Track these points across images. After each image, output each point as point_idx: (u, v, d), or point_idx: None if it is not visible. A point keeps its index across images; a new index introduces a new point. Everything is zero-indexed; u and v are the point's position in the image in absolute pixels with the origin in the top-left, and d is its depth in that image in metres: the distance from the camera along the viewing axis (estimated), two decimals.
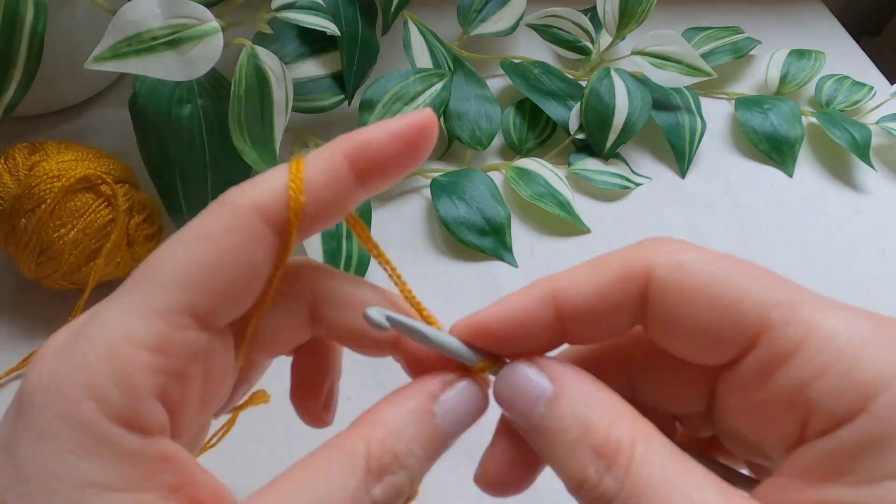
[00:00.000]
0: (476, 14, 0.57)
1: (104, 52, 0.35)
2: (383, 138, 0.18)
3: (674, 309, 0.18)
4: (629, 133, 0.52)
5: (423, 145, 0.19)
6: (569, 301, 0.19)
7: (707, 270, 0.17)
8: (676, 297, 0.17)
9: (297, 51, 0.48)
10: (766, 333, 0.16)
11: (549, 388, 0.18)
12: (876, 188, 0.55)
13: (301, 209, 0.17)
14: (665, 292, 0.18)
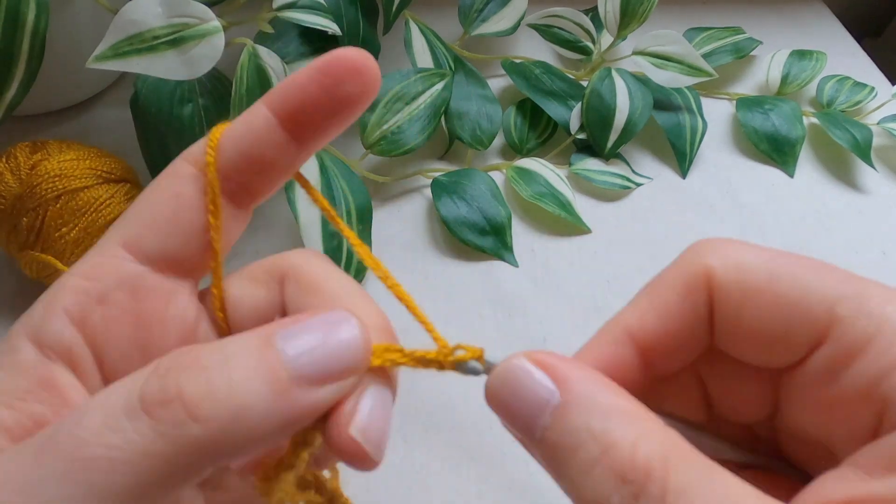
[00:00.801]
0: (477, 14, 0.57)
1: (106, 52, 0.35)
2: (303, 77, 0.17)
3: (738, 311, 0.17)
4: (630, 133, 0.52)
5: (349, 81, 0.17)
6: (647, 336, 0.17)
7: (767, 268, 0.17)
8: (739, 298, 0.17)
9: (299, 50, 0.48)
10: (835, 327, 0.16)
11: (553, 390, 0.15)
12: (877, 189, 0.55)
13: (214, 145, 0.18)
14: (728, 295, 0.17)
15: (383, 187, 0.51)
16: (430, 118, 0.49)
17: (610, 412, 0.14)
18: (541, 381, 0.15)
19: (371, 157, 0.49)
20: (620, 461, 0.14)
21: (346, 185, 0.44)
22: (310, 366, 0.14)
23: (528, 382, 0.15)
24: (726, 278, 0.17)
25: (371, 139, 0.47)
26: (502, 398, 0.16)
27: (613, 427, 0.14)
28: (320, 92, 0.17)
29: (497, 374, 0.16)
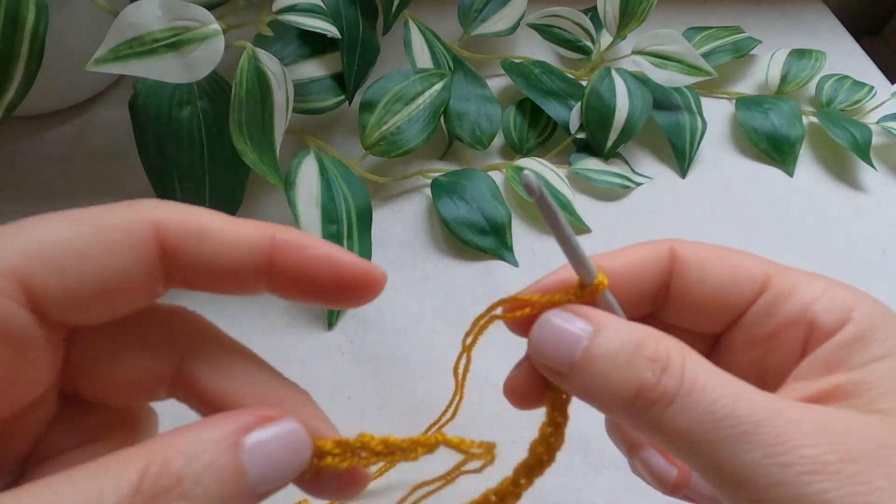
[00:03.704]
0: (477, 14, 0.57)
1: (105, 54, 0.35)
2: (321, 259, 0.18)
3: (696, 275, 0.22)
4: (630, 133, 0.52)
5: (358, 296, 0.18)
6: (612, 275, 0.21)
7: (716, 248, 0.22)
8: (697, 264, 0.22)
9: (298, 52, 0.48)
10: (772, 280, 0.21)
11: (588, 327, 0.19)
12: (876, 188, 0.55)
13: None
14: (688, 262, 0.22)
15: (383, 188, 0.51)
16: (430, 118, 0.48)
17: (633, 328, 0.19)
18: (576, 320, 0.19)
19: (371, 157, 0.49)
20: (647, 351, 0.18)
21: (345, 185, 0.45)
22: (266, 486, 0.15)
23: (566, 322, 0.19)
24: (686, 251, 0.22)
25: (370, 140, 0.47)
26: (545, 337, 0.19)
27: (638, 335, 0.19)
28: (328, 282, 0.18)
29: (538, 327, 0.20)
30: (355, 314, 0.43)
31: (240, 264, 0.17)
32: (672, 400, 0.17)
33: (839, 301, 0.20)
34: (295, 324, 0.42)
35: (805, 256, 0.49)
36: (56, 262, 0.15)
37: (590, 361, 0.18)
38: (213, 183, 0.42)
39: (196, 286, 0.18)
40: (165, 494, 0.14)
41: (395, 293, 0.45)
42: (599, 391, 0.18)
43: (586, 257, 0.20)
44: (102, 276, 0.15)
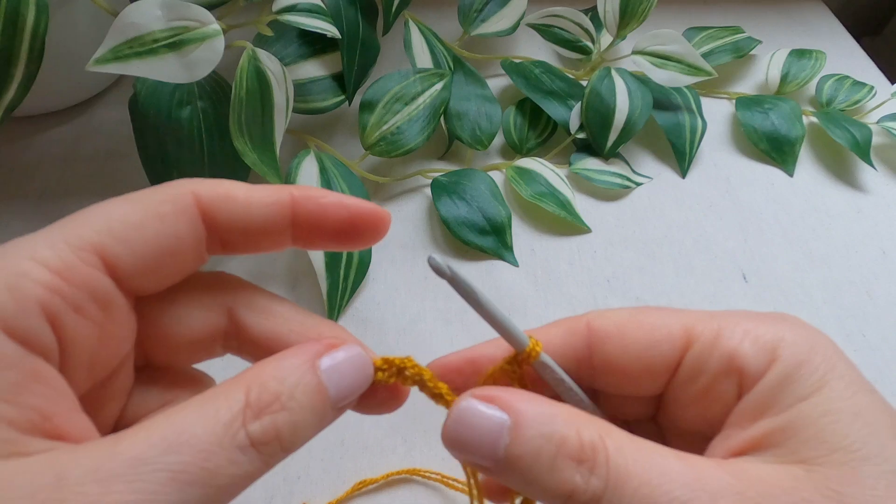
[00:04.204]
0: (477, 14, 0.57)
1: (105, 54, 0.35)
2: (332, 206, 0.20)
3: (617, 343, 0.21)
4: (630, 133, 0.52)
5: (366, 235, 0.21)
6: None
7: (632, 310, 0.22)
8: (617, 334, 0.21)
9: (298, 52, 0.48)
10: (692, 332, 0.20)
11: (505, 417, 0.18)
12: (876, 188, 0.55)
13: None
14: (606, 335, 0.21)
15: (383, 188, 0.51)
16: (430, 118, 0.49)
17: (552, 417, 0.18)
18: (492, 411, 0.18)
19: (371, 157, 0.49)
20: (572, 449, 0.17)
21: (345, 185, 0.45)
22: (343, 400, 0.19)
23: (482, 415, 0.18)
24: (601, 323, 0.21)
25: (370, 140, 0.47)
26: (463, 435, 0.18)
27: (559, 427, 0.18)
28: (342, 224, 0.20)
29: (453, 418, 0.19)
30: (355, 314, 0.43)
31: (267, 220, 0.20)
32: (600, 498, 0.17)
33: (762, 342, 0.19)
34: None
35: (805, 256, 0.49)
36: (122, 233, 0.18)
37: (515, 461, 0.18)
38: None
39: (233, 247, 0.20)
40: (269, 407, 0.17)
41: (395, 293, 0.45)
42: (529, 490, 0.18)
43: (514, 326, 0.20)
44: (159, 241, 0.18)
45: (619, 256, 0.48)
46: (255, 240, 0.20)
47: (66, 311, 0.17)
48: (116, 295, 0.18)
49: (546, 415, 0.18)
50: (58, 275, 0.17)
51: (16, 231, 0.46)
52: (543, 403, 0.19)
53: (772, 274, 0.47)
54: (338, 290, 0.42)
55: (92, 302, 0.17)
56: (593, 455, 0.17)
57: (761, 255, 0.49)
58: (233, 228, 0.19)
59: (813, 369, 0.18)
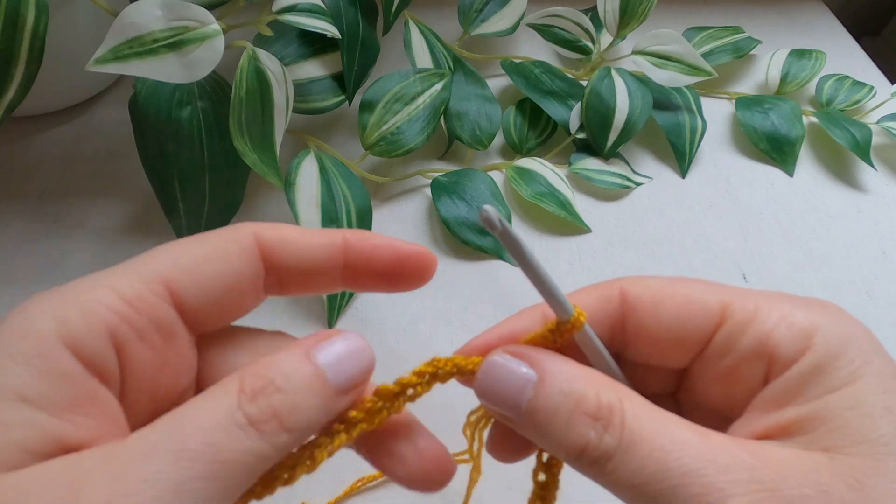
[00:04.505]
0: (477, 14, 0.57)
1: (105, 55, 0.35)
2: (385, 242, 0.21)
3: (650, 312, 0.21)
4: (630, 133, 0.52)
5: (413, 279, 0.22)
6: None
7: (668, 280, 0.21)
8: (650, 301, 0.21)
9: (298, 52, 0.48)
10: (729, 309, 0.20)
11: (532, 373, 0.19)
12: (876, 188, 0.55)
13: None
14: (640, 301, 0.21)
15: (383, 188, 0.51)
16: (430, 118, 0.49)
17: (574, 377, 0.19)
18: (520, 367, 0.19)
19: (371, 157, 0.49)
20: (589, 406, 0.18)
21: (345, 185, 0.45)
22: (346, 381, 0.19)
23: (510, 369, 0.19)
24: (636, 290, 0.21)
25: (370, 140, 0.47)
26: (491, 385, 0.20)
27: (579, 386, 0.19)
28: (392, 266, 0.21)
29: (483, 369, 0.20)
30: (355, 314, 0.43)
31: (321, 260, 0.21)
32: (611, 456, 0.18)
33: (798, 328, 0.19)
34: (295, 324, 0.42)
35: (805, 256, 0.49)
36: (189, 268, 0.19)
37: (535, 414, 0.19)
38: (213, 183, 0.42)
39: (288, 288, 0.21)
40: (263, 391, 0.17)
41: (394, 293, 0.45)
42: (546, 442, 0.19)
43: (561, 292, 0.20)
44: (223, 278, 0.19)
45: (619, 256, 0.48)
46: (309, 280, 0.21)
47: (132, 338, 0.18)
48: (180, 327, 0.19)
49: (569, 374, 0.19)
50: (128, 303, 0.18)
51: (16, 231, 0.46)
52: (569, 364, 0.19)
53: (772, 274, 0.47)
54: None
55: (157, 332, 0.18)
56: (609, 415, 0.18)
57: (761, 255, 0.49)
58: (290, 268, 0.21)
59: (848, 361, 0.18)
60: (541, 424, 0.19)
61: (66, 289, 0.18)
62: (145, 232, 0.46)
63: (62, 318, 0.17)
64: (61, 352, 0.16)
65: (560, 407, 0.18)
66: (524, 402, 0.19)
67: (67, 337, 0.16)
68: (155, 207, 0.45)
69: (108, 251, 0.45)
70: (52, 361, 0.16)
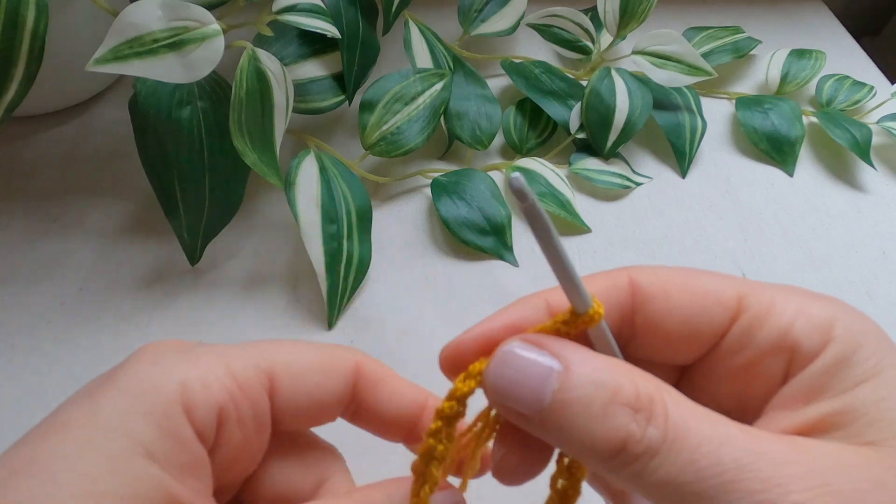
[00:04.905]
0: (476, 14, 0.57)
1: (105, 55, 0.35)
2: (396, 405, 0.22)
3: (661, 304, 0.20)
4: (630, 133, 0.52)
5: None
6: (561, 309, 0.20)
7: (680, 272, 0.20)
8: (661, 292, 0.20)
9: (298, 52, 0.48)
10: (744, 302, 0.19)
11: (556, 363, 0.17)
12: (876, 188, 0.55)
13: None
14: (651, 292, 0.20)
15: (383, 188, 0.51)
16: (430, 118, 0.48)
17: (607, 365, 0.17)
18: (540, 356, 0.17)
19: (371, 157, 0.49)
20: (629, 397, 0.16)
21: (345, 186, 0.45)
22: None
23: (529, 359, 0.17)
24: (647, 280, 0.20)
25: (370, 140, 0.47)
26: (506, 377, 0.18)
27: (613, 376, 0.17)
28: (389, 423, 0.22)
29: (498, 360, 0.18)
30: (355, 314, 0.43)
31: (400, 414, 0.22)
32: (657, 452, 0.16)
33: (816, 321, 0.18)
34: (294, 324, 0.42)
35: (805, 256, 0.49)
36: (294, 373, 0.20)
37: (562, 407, 0.17)
38: (213, 183, 0.42)
39: (358, 420, 0.22)
40: None
41: (394, 293, 0.45)
42: (574, 441, 0.17)
43: (581, 281, 0.18)
44: (318, 390, 0.21)
45: (619, 256, 0.48)
46: (381, 424, 0.22)
47: (233, 418, 0.19)
48: (268, 419, 0.20)
49: (600, 363, 0.17)
50: (239, 386, 0.19)
51: (16, 231, 0.46)
52: (596, 354, 0.18)
53: (772, 274, 0.47)
54: (338, 291, 0.42)
55: (252, 418, 0.19)
56: (650, 405, 0.16)
57: (761, 255, 0.49)
58: (372, 408, 0.22)
59: (869, 353, 0.18)
60: (569, 420, 0.17)
61: (191, 354, 0.19)
62: (145, 232, 0.46)
63: (185, 384, 0.18)
64: (182, 416, 0.17)
65: (593, 398, 0.16)
66: (548, 395, 0.17)
67: (187, 404, 0.18)
68: (155, 207, 0.45)
69: (108, 251, 0.45)
70: (176, 424, 0.17)
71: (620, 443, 0.16)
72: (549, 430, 0.17)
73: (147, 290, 0.43)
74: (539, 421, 0.17)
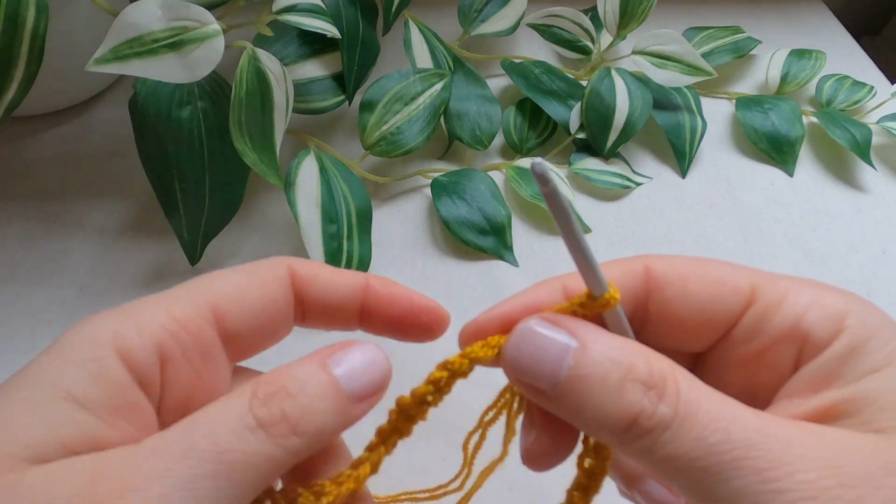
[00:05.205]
0: (477, 14, 0.57)
1: (105, 55, 0.35)
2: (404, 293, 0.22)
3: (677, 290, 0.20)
4: (630, 133, 0.52)
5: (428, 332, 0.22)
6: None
7: (695, 260, 0.21)
8: (677, 279, 0.20)
9: (298, 52, 0.48)
10: (758, 291, 0.20)
11: (571, 340, 0.18)
12: (876, 188, 0.55)
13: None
14: (667, 280, 0.20)
15: (383, 188, 0.51)
16: (430, 118, 0.49)
17: (622, 345, 0.18)
18: (557, 334, 0.18)
19: (371, 157, 0.49)
20: (642, 375, 0.17)
21: (345, 185, 0.45)
22: (361, 390, 0.19)
23: (546, 336, 0.18)
24: (663, 268, 0.21)
25: (370, 140, 0.47)
26: (524, 353, 0.18)
27: (627, 355, 0.18)
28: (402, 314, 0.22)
29: (516, 336, 0.19)
30: None
31: (343, 299, 0.22)
32: (667, 427, 0.17)
33: (831, 310, 0.19)
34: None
35: (805, 256, 0.49)
36: (233, 296, 0.20)
37: (578, 382, 0.17)
38: (213, 183, 0.42)
39: (311, 320, 0.22)
40: (274, 395, 0.17)
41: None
42: (588, 416, 0.17)
43: (598, 265, 0.19)
44: (262, 304, 0.20)
45: (619, 256, 0.48)
46: (329, 315, 0.22)
47: (177, 355, 0.19)
48: (220, 352, 0.20)
49: (615, 342, 0.18)
50: (178, 323, 0.19)
51: (16, 231, 0.46)
52: (611, 334, 0.18)
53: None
54: None
55: (199, 353, 0.19)
56: (662, 383, 0.17)
57: (761, 255, 0.49)
58: (315, 302, 0.22)
59: (882, 343, 0.18)
60: (584, 394, 0.17)
61: (127, 307, 0.19)
62: (145, 232, 0.46)
63: (119, 330, 0.18)
64: (113, 360, 0.17)
65: (608, 374, 0.17)
66: (564, 370, 0.17)
67: (122, 348, 0.18)
68: (155, 207, 0.45)
69: (108, 251, 0.45)
70: (104, 368, 0.17)
71: (633, 417, 0.17)
72: (565, 404, 0.18)
73: (147, 289, 0.43)
74: (555, 396, 0.18)
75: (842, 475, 0.15)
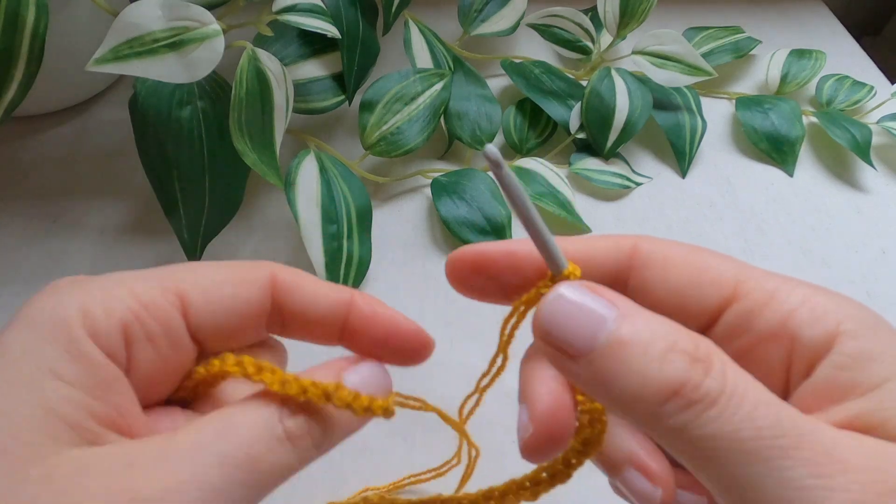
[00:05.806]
0: (477, 14, 0.57)
1: (105, 54, 0.35)
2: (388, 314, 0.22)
3: (658, 273, 0.20)
4: (630, 133, 0.52)
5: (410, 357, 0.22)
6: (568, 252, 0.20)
7: (683, 247, 0.20)
8: (660, 262, 0.20)
9: (298, 52, 0.48)
10: (744, 286, 0.19)
11: (612, 309, 0.17)
12: (876, 188, 0.55)
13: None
14: (650, 260, 0.20)
15: (383, 188, 0.51)
16: (430, 118, 0.49)
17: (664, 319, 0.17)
18: (597, 300, 0.17)
19: (371, 157, 0.49)
20: (688, 347, 0.16)
21: (345, 186, 0.45)
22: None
23: (589, 297, 0.17)
24: (649, 247, 0.20)
25: (370, 140, 0.47)
26: (564, 311, 0.18)
27: (673, 329, 0.17)
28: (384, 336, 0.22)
29: (558, 294, 0.18)
30: None
31: (326, 312, 0.21)
32: (714, 402, 0.15)
33: (820, 311, 0.18)
34: None
35: (805, 256, 0.49)
36: (203, 287, 0.20)
37: (618, 347, 0.16)
38: (213, 183, 0.42)
39: (290, 330, 0.22)
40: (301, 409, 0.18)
41: (395, 293, 0.45)
42: (623, 384, 0.16)
43: (556, 246, 0.19)
44: (232, 302, 0.20)
45: None
46: (310, 328, 0.22)
47: (142, 337, 0.19)
48: (185, 339, 0.20)
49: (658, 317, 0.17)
50: (143, 305, 0.19)
51: (15, 231, 0.46)
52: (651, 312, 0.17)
53: None
54: None
55: (164, 337, 0.19)
56: (709, 358, 0.16)
57: (761, 254, 0.49)
58: (295, 313, 0.21)
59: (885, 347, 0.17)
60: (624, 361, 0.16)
61: (91, 283, 0.19)
62: (145, 232, 0.46)
63: (86, 310, 0.18)
64: (87, 339, 0.18)
65: (653, 342, 0.16)
66: (602, 334, 0.16)
67: (90, 328, 0.18)
68: (155, 207, 0.45)
69: (107, 251, 0.45)
70: (81, 347, 0.17)
71: (676, 387, 0.16)
72: (598, 370, 0.17)
73: None
74: (587, 361, 0.17)
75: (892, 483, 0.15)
